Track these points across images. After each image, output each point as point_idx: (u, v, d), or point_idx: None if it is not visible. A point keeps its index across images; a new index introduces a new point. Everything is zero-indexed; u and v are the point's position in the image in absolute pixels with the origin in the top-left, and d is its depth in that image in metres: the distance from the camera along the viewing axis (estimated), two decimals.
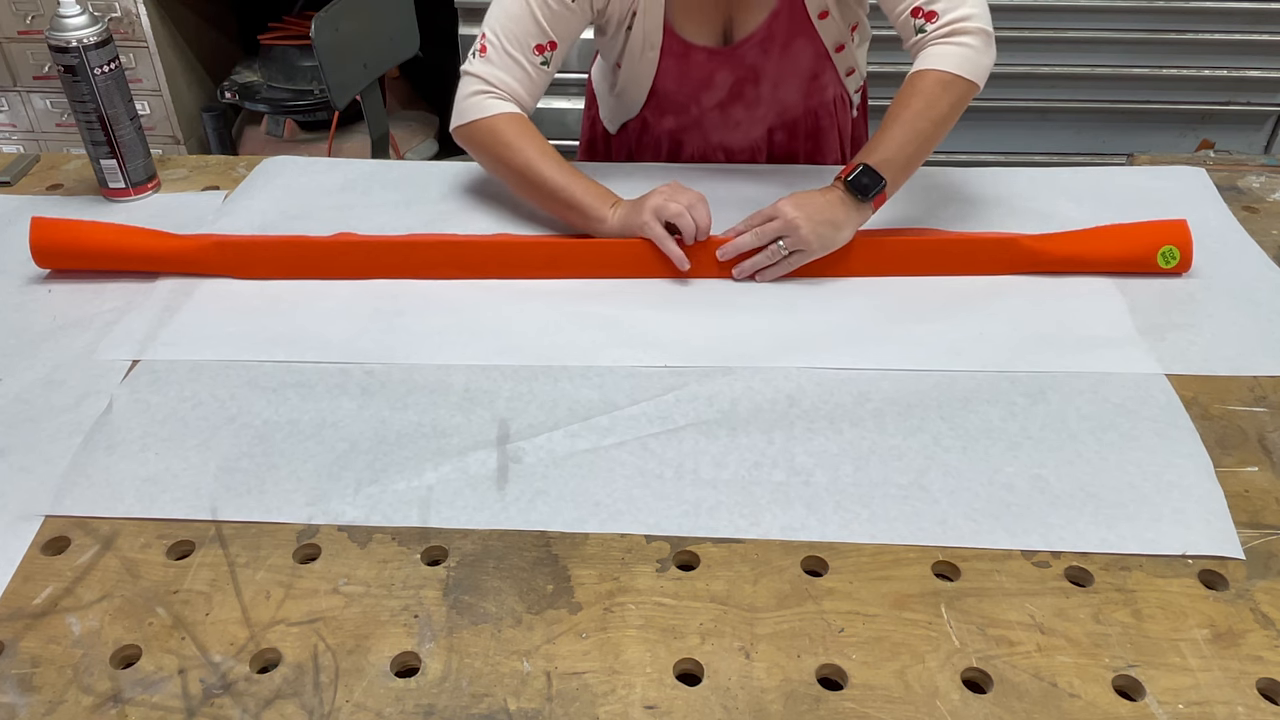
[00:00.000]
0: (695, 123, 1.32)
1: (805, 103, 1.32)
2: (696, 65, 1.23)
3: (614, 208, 1.13)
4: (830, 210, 1.06)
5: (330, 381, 0.96)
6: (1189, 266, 1.10)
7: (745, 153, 1.36)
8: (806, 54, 1.25)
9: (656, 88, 1.27)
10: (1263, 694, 0.68)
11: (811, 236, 1.05)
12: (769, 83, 1.26)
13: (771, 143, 1.36)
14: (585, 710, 0.67)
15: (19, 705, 0.67)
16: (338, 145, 2.62)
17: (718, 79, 1.25)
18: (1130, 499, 0.82)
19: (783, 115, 1.33)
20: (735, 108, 1.29)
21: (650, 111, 1.33)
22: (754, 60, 1.23)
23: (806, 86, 1.29)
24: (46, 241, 1.10)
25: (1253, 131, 2.63)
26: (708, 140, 1.35)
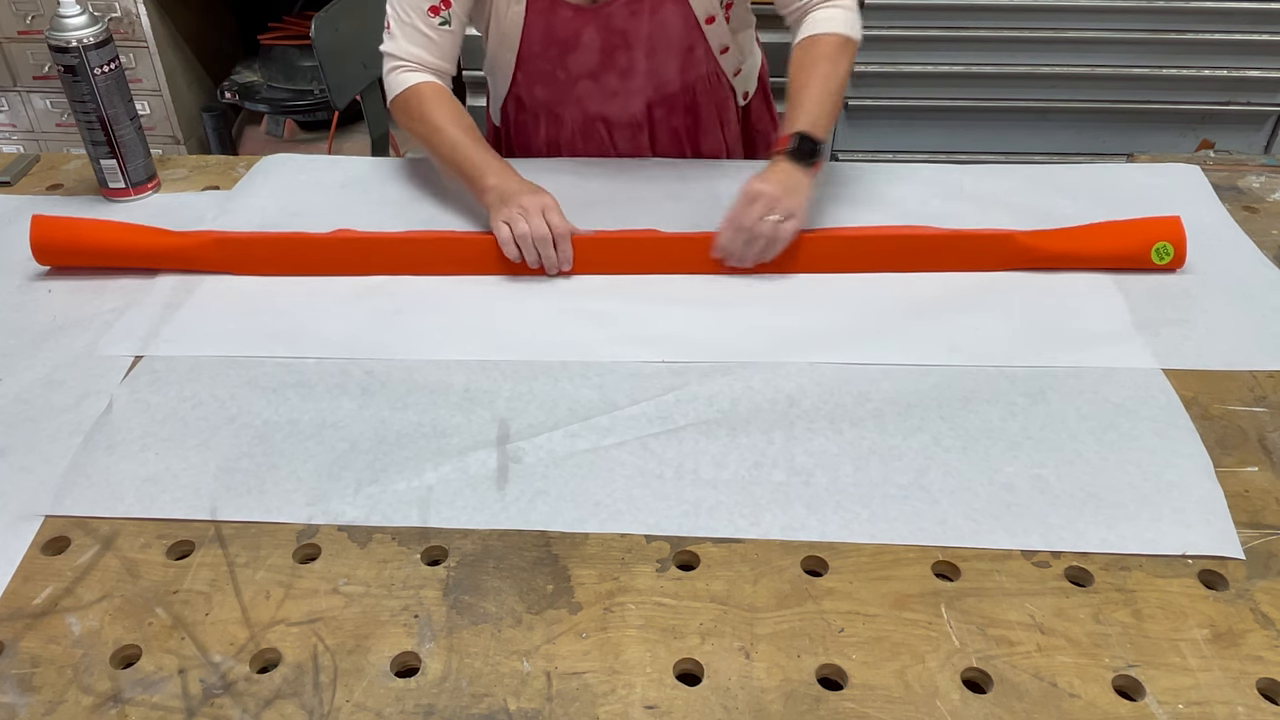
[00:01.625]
0: (568, 93, 1.31)
1: (681, 77, 1.31)
2: (563, 22, 1.22)
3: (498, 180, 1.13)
4: (793, 178, 1.08)
5: (330, 381, 0.96)
6: (1183, 262, 1.10)
7: (627, 128, 1.34)
8: (676, 22, 1.24)
9: (524, 52, 1.26)
10: (1263, 694, 0.68)
11: (793, 202, 1.07)
12: (641, 50, 1.25)
13: (651, 118, 1.35)
14: (585, 710, 0.67)
15: (19, 705, 0.67)
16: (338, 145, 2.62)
17: (585, 38, 1.23)
18: (1130, 499, 0.82)
19: (660, 89, 1.31)
20: (609, 76, 1.27)
21: (521, 83, 1.32)
22: (623, 24, 1.22)
23: (681, 59, 1.29)
24: (47, 239, 1.11)
25: (1253, 131, 2.63)
26: (586, 111, 1.33)
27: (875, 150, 2.67)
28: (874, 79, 2.55)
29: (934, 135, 2.61)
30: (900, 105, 2.57)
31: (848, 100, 2.58)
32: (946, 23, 2.41)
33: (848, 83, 1.17)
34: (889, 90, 2.57)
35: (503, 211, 1.10)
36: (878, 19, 2.45)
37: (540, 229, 1.08)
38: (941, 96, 2.54)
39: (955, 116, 2.57)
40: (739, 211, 1.08)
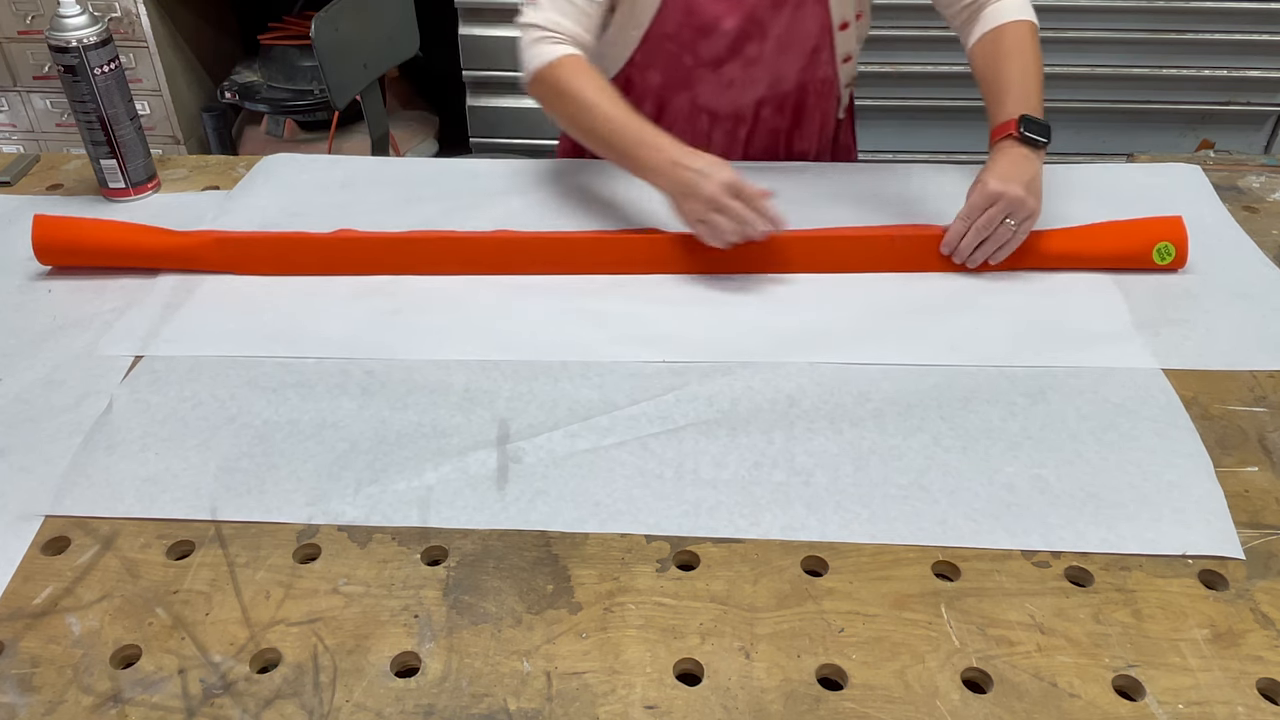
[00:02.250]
0: (685, 79, 1.27)
1: (799, 76, 1.30)
2: (704, 5, 1.19)
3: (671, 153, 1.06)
4: (1028, 167, 1.06)
5: (330, 381, 0.96)
6: (1184, 263, 1.10)
7: (729, 119, 1.32)
8: (813, 22, 1.23)
9: (654, 32, 1.22)
10: (1263, 694, 0.68)
11: (1034, 201, 1.05)
12: (773, 44, 1.23)
13: (756, 115, 1.33)
14: (585, 710, 0.67)
15: (19, 705, 0.67)
16: (338, 145, 2.62)
17: (723, 26, 1.20)
18: (1130, 499, 0.82)
19: (775, 86, 1.30)
20: (733, 65, 1.25)
21: (637, 65, 1.27)
22: (764, 15, 1.20)
23: (806, 59, 1.27)
24: (49, 239, 1.11)
25: (1253, 131, 2.63)
26: (695, 102, 1.30)
27: (875, 150, 2.67)
28: (874, 79, 2.55)
29: (934, 135, 2.62)
30: (900, 105, 2.58)
31: None
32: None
33: None
34: (889, 90, 2.57)
35: (690, 208, 1.05)
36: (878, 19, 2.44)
37: (742, 214, 1.04)
38: (941, 96, 2.54)
39: (955, 116, 2.57)
40: (978, 211, 1.06)
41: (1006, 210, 1.04)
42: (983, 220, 1.06)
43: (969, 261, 1.09)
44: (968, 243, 1.07)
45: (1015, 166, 1.06)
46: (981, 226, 1.06)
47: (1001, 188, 1.04)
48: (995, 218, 1.05)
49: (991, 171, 1.07)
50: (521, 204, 1.24)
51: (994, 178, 1.05)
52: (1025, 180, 1.05)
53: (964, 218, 1.07)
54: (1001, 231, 1.06)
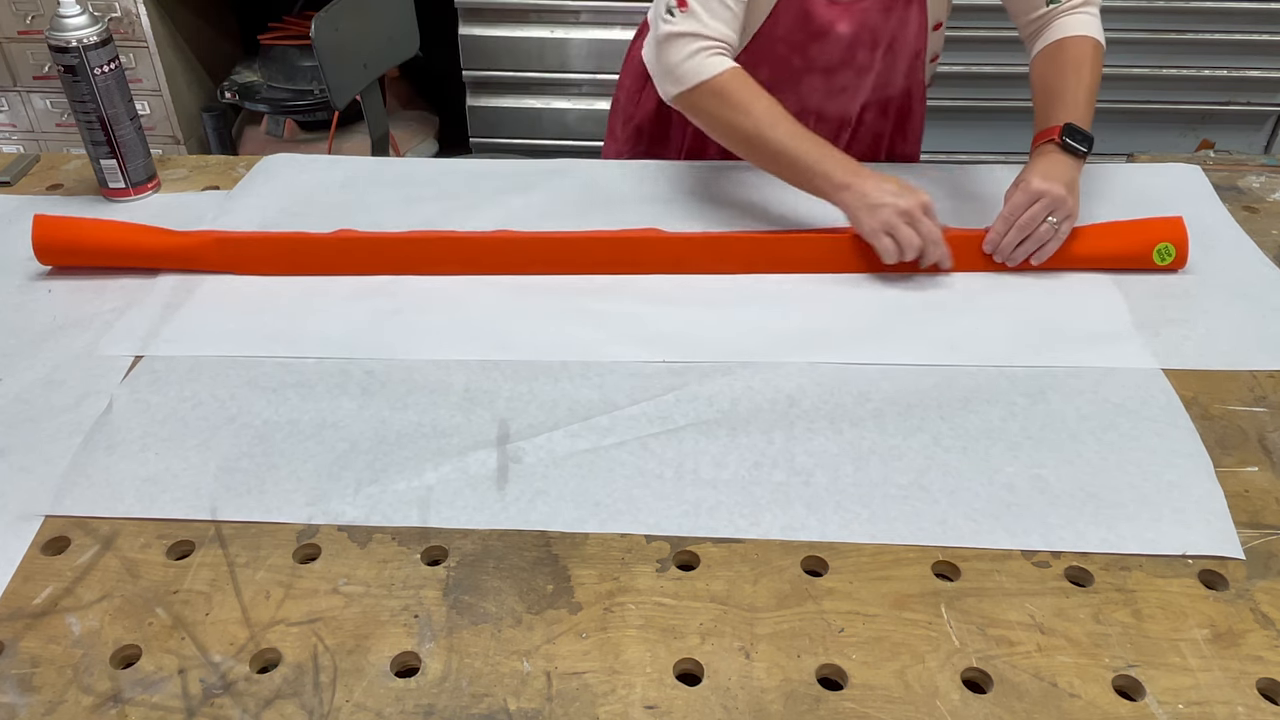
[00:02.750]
0: (793, 81, 1.24)
1: (905, 81, 1.29)
2: (818, 9, 1.17)
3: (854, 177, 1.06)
4: (1068, 171, 1.07)
5: (330, 381, 0.96)
6: (1185, 263, 1.10)
7: (834, 122, 1.30)
8: (916, 24, 1.22)
9: (765, 32, 1.19)
10: (1263, 694, 0.68)
11: (1073, 201, 1.06)
12: (884, 48, 1.22)
13: (860, 120, 1.32)
14: (585, 710, 0.67)
15: (19, 705, 0.67)
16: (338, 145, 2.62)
17: (835, 32, 1.18)
18: (1130, 499, 0.82)
19: (881, 90, 1.29)
20: (845, 73, 1.23)
21: (745, 62, 1.17)
22: (875, 21, 1.19)
23: (910, 62, 1.26)
24: (49, 239, 1.11)
25: (1253, 131, 2.63)
26: (802, 104, 1.25)
27: None
28: None
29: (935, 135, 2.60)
30: None
31: None
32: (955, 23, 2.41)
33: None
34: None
35: (880, 216, 1.04)
36: None
37: (933, 233, 1.05)
38: (941, 96, 2.53)
39: (955, 116, 2.57)
40: (1019, 209, 1.06)
41: (1049, 208, 1.05)
42: (1025, 218, 1.06)
43: (1010, 260, 1.09)
44: (1010, 240, 1.07)
45: (1055, 168, 1.07)
46: (1024, 224, 1.06)
47: (1044, 186, 1.05)
48: (1038, 216, 1.05)
49: (1033, 170, 1.07)
50: (521, 204, 1.24)
51: (1036, 176, 1.06)
52: (1066, 181, 1.06)
53: (1006, 217, 1.07)
54: (1044, 230, 1.06)
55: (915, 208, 1.04)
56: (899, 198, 1.04)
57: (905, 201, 1.04)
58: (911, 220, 1.04)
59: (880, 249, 1.06)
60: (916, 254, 1.06)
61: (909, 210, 1.04)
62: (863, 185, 1.06)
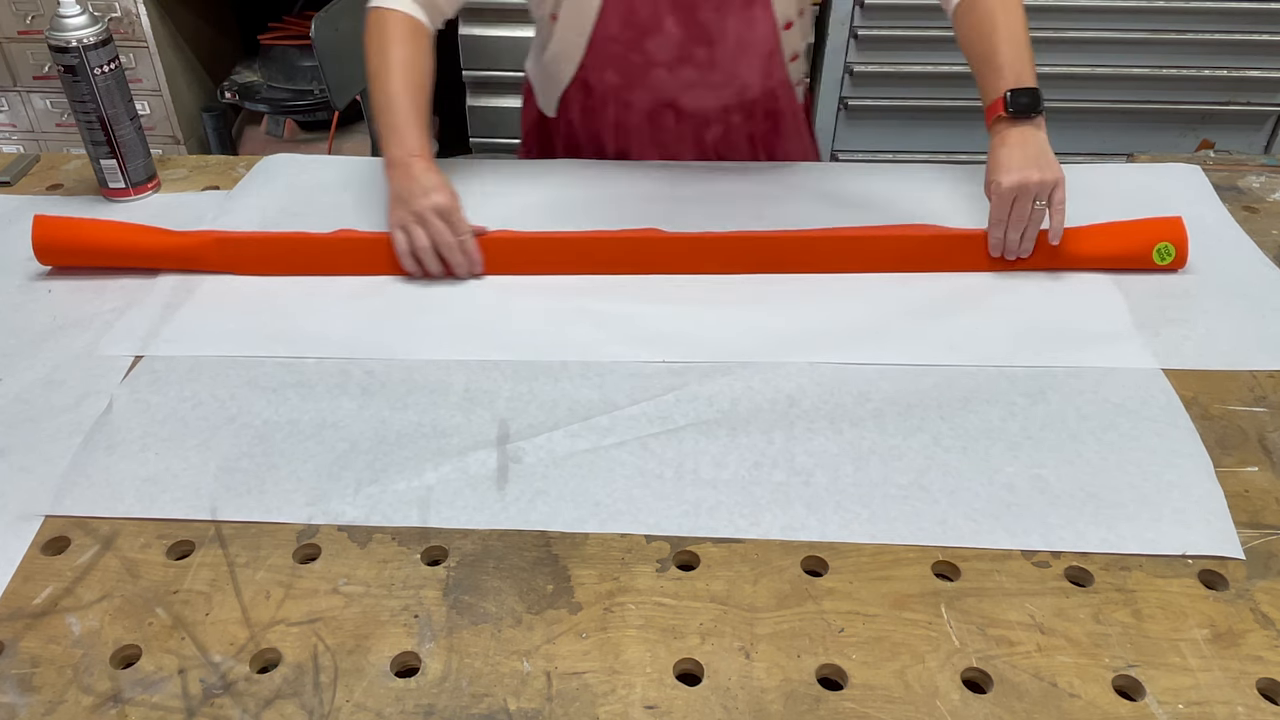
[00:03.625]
0: (641, 78, 1.26)
1: (763, 82, 1.29)
2: (644, 3, 1.18)
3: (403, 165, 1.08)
4: (1029, 145, 1.06)
5: (330, 381, 0.96)
6: (1185, 263, 1.10)
7: (694, 118, 1.31)
8: (762, 24, 1.22)
9: (598, 34, 1.22)
10: (1263, 694, 0.68)
11: (1050, 173, 1.04)
12: (726, 50, 1.22)
13: (727, 122, 1.32)
14: (585, 710, 0.67)
15: (19, 705, 0.67)
16: (338, 145, 2.62)
17: (666, 25, 1.19)
18: (1130, 499, 0.82)
19: (740, 94, 1.29)
20: (686, 69, 1.24)
21: (590, 67, 1.26)
22: (707, 17, 1.19)
23: (764, 64, 1.26)
24: (49, 239, 1.11)
25: (1253, 131, 2.63)
26: (658, 97, 1.28)
27: (875, 150, 2.67)
28: (874, 79, 2.55)
29: (934, 135, 2.62)
30: (900, 105, 2.58)
31: (847, 100, 2.58)
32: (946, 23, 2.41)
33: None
34: (889, 90, 2.57)
35: (397, 215, 1.07)
36: (878, 19, 2.45)
37: (443, 236, 1.06)
38: (941, 96, 2.54)
39: (955, 116, 2.57)
40: (1004, 210, 1.05)
41: (1030, 197, 1.05)
42: (1014, 216, 1.06)
43: (1023, 253, 1.08)
44: (1012, 239, 1.07)
45: (1016, 150, 1.05)
46: (1016, 221, 1.06)
47: (1013, 180, 1.04)
48: (1025, 208, 1.05)
49: (996, 168, 1.06)
50: (521, 204, 1.24)
51: (1001, 174, 1.05)
52: (1031, 160, 1.04)
53: (996, 221, 1.07)
54: (1036, 214, 1.06)
55: (426, 210, 1.05)
56: (416, 197, 1.05)
57: (418, 203, 1.05)
58: (421, 221, 1.05)
59: (397, 249, 1.07)
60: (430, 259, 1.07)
61: (419, 211, 1.05)
62: (404, 172, 1.07)
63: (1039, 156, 1.05)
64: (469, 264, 1.09)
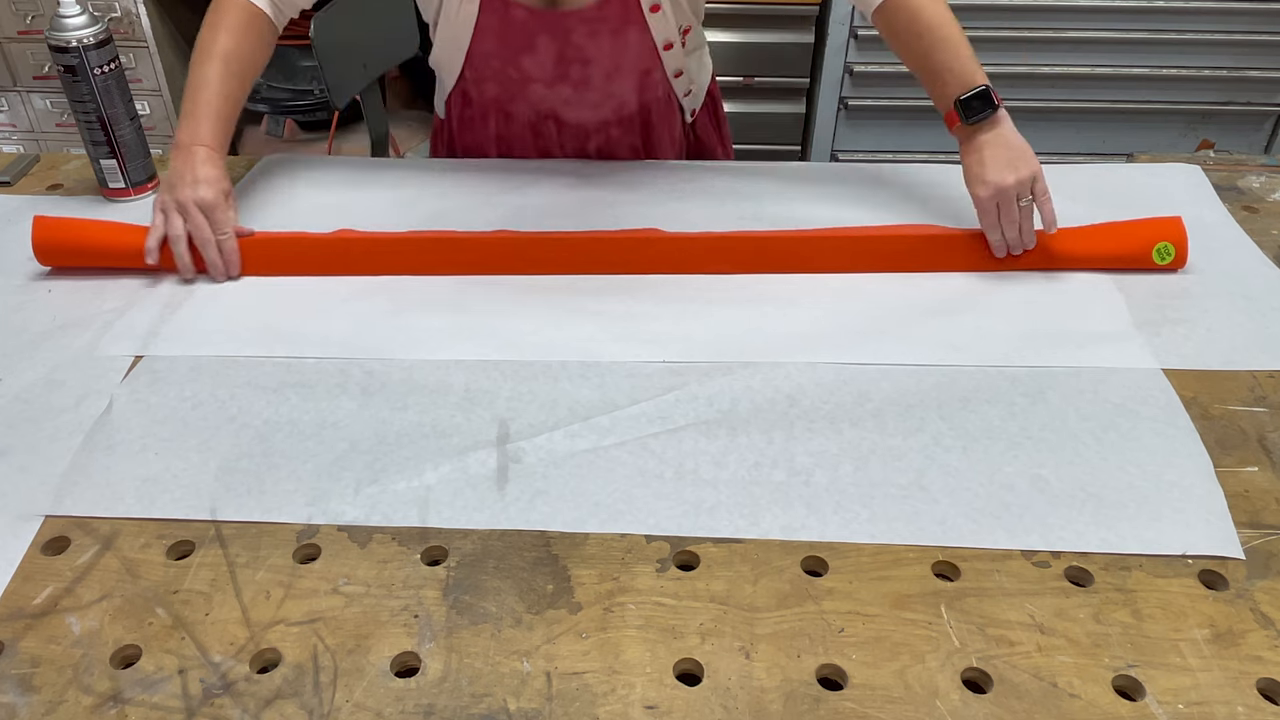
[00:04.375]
0: (519, 91, 1.27)
1: (639, 98, 1.30)
2: (517, 23, 1.18)
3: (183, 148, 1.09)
4: (996, 146, 1.06)
5: (330, 381, 0.96)
6: (1184, 263, 1.10)
7: (575, 129, 1.32)
8: (637, 46, 1.22)
9: (475, 50, 1.22)
10: (1263, 694, 0.68)
11: (1025, 170, 1.04)
12: (601, 70, 1.23)
13: (608, 136, 1.33)
14: (585, 710, 0.67)
15: (19, 705, 0.67)
16: (338, 145, 2.62)
17: (540, 44, 1.19)
18: (1130, 499, 0.82)
19: (618, 110, 1.30)
20: (563, 86, 1.25)
21: (470, 80, 1.27)
22: (581, 40, 1.19)
23: (640, 81, 1.27)
24: (49, 239, 1.11)
25: (1253, 131, 2.63)
26: (538, 110, 1.30)
27: (875, 150, 2.67)
28: (874, 79, 2.55)
29: (934, 135, 2.61)
30: (900, 105, 2.58)
31: (847, 100, 2.58)
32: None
33: None
34: (889, 90, 2.57)
35: (162, 198, 1.08)
36: None
37: (200, 231, 1.07)
38: None
39: None
40: (992, 219, 1.05)
41: (1013, 199, 1.05)
42: (1004, 220, 1.06)
43: (1025, 246, 1.08)
44: (1012, 237, 1.07)
45: (986, 155, 1.06)
46: (1008, 225, 1.06)
47: (990, 190, 1.05)
48: (1011, 210, 1.05)
49: (971, 181, 1.07)
50: (521, 204, 1.24)
51: (977, 185, 1.06)
52: (1002, 162, 1.05)
53: (990, 227, 1.07)
54: (1025, 211, 1.06)
55: (189, 200, 1.06)
56: (185, 186, 1.06)
57: (184, 192, 1.06)
58: (182, 210, 1.06)
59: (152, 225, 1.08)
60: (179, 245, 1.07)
61: (182, 200, 1.06)
62: (184, 158, 1.08)
63: (1009, 157, 1.05)
64: (224, 265, 1.09)
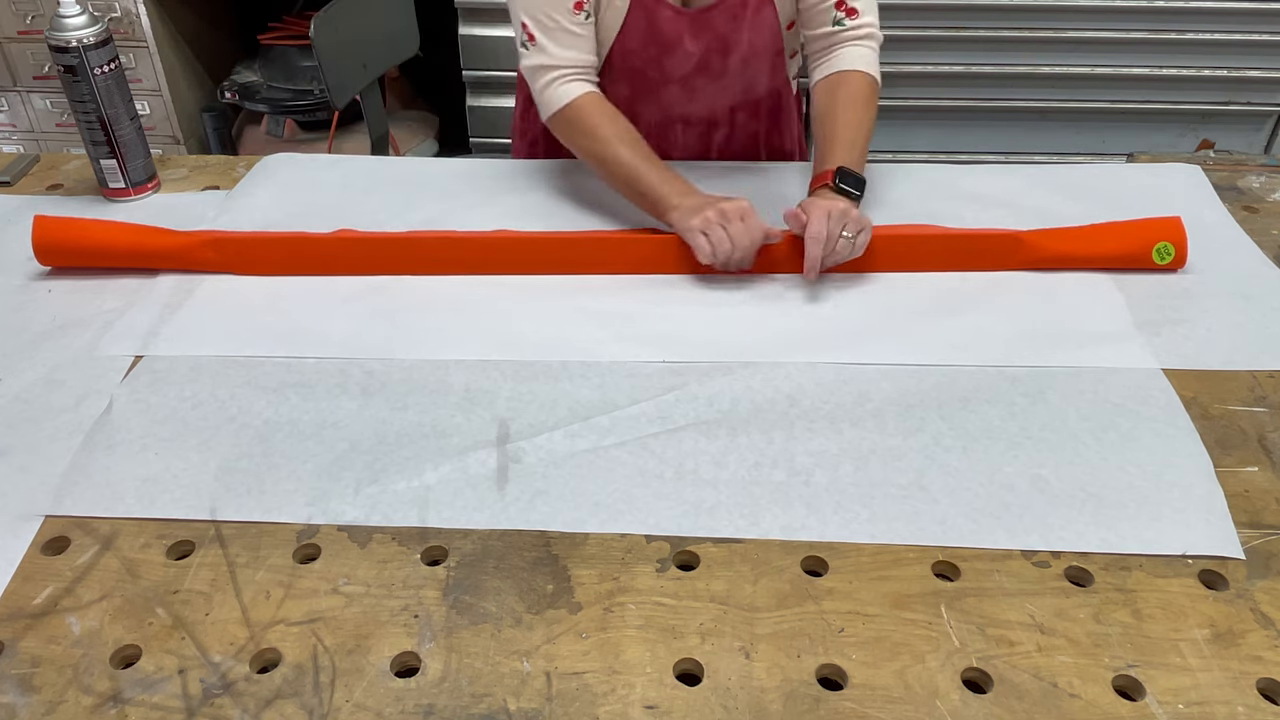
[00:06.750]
0: (653, 92, 1.28)
1: (770, 81, 1.31)
2: (665, 23, 1.19)
3: (684, 198, 1.10)
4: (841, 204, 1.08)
5: (330, 381, 0.96)
6: (1184, 263, 1.10)
7: (701, 124, 1.33)
8: (770, 26, 1.23)
9: (618, 48, 1.22)
10: (1263, 694, 0.68)
11: (857, 213, 1.06)
12: (738, 56, 1.24)
13: (732, 120, 1.33)
14: (585, 710, 0.67)
15: (19, 705, 0.67)
16: (338, 145, 2.62)
17: (685, 44, 1.21)
18: (1130, 499, 0.82)
19: (748, 93, 1.31)
20: (701, 79, 1.26)
21: (604, 80, 1.25)
22: (724, 28, 1.20)
23: (771, 63, 1.28)
24: (49, 239, 1.11)
25: (1253, 131, 2.63)
26: (666, 113, 1.31)
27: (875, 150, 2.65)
28: None
29: (934, 135, 2.62)
30: (900, 105, 2.57)
31: None
32: (946, 23, 2.41)
33: None
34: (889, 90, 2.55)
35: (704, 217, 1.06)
36: None
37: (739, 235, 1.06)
38: (941, 96, 2.54)
39: (955, 116, 2.57)
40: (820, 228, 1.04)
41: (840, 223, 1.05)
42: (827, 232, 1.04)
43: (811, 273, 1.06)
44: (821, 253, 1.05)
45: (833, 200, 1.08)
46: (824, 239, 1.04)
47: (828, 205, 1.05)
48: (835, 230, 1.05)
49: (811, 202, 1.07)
50: (521, 204, 1.24)
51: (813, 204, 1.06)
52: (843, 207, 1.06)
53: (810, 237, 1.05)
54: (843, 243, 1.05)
55: (733, 210, 1.06)
56: (720, 202, 1.07)
57: (728, 205, 1.07)
58: (725, 221, 1.06)
59: (695, 246, 1.07)
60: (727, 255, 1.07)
61: (725, 211, 1.06)
62: (690, 202, 1.09)
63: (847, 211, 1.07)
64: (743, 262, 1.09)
